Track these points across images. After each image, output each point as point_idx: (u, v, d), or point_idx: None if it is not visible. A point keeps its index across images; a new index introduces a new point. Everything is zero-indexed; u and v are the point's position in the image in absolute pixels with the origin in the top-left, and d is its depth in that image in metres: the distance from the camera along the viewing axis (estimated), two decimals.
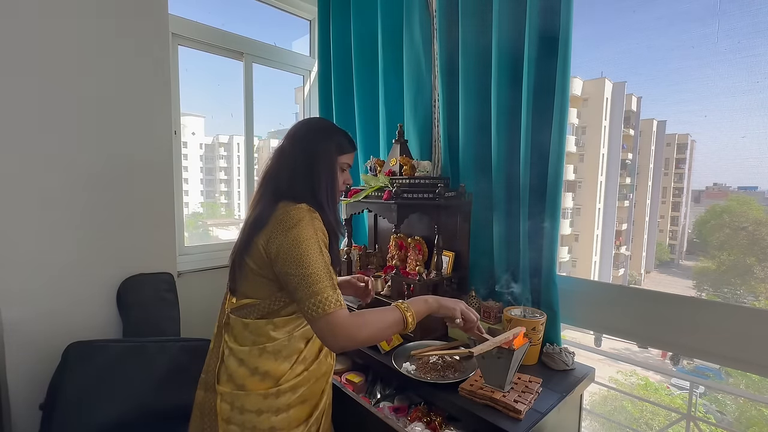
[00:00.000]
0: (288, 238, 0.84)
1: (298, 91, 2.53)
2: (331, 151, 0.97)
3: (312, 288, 0.81)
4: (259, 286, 0.92)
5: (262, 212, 0.90)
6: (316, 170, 0.94)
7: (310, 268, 0.82)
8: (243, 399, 0.90)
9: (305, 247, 0.83)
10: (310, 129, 0.99)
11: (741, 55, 9.04)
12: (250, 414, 0.89)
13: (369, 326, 0.84)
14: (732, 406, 6.47)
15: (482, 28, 1.47)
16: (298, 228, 0.85)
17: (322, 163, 0.95)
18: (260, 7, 2.22)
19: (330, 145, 0.97)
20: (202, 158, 3.31)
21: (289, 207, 0.88)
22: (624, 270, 12.98)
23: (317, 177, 0.94)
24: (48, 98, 1.39)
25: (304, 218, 0.87)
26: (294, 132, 0.99)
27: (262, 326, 0.92)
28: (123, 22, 1.53)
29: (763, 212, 9.86)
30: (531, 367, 1.25)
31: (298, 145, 0.96)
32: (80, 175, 1.47)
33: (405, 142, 1.67)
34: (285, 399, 0.91)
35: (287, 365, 0.92)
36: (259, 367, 0.91)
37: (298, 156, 0.95)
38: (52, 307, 1.43)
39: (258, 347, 0.91)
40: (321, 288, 0.81)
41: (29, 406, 1.36)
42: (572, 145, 11.86)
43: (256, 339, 0.92)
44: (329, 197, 0.95)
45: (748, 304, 1.44)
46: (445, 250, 1.56)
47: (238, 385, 0.91)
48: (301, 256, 0.83)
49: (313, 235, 0.86)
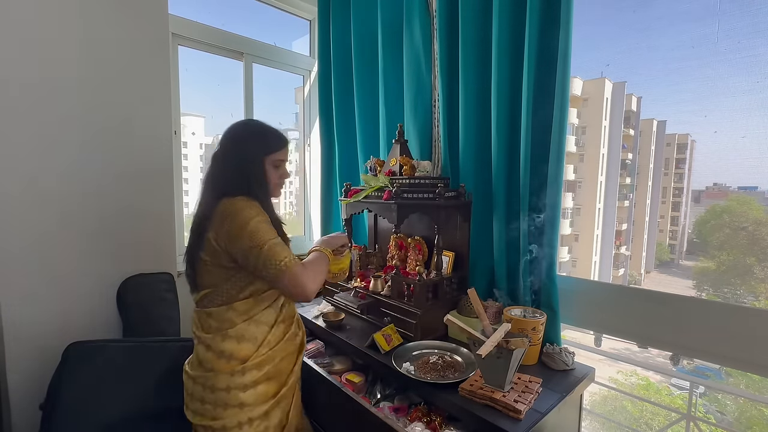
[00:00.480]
0: (236, 223, 0.95)
1: (298, 91, 2.54)
2: (257, 153, 1.05)
3: (269, 254, 0.93)
4: (215, 275, 1.01)
5: (206, 210, 1.00)
6: (245, 171, 1.02)
7: (263, 239, 0.94)
8: (213, 379, 0.99)
9: (253, 225, 0.95)
10: (237, 133, 1.07)
11: (741, 55, 9.04)
12: (220, 392, 0.99)
13: (318, 271, 1.04)
14: (732, 406, 6.47)
15: (482, 28, 1.47)
16: (241, 213, 0.95)
17: (250, 164, 1.03)
18: (260, 7, 2.22)
19: (255, 147, 1.05)
20: (202, 158, 3.31)
21: (228, 200, 0.98)
22: (624, 270, 12.99)
23: (247, 177, 1.02)
24: (48, 98, 1.39)
25: (244, 206, 0.97)
26: (224, 137, 1.07)
27: (223, 313, 1.01)
28: (123, 22, 1.53)
29: (763, 212, 9.86)
30: (531, 367, 1.25)
31: (229, 150, 1.04)
32: (80, 175, 1.46)
33: (405, 142, 1.67)
34: (251, 376, 1.00)
35: (251, 347, 1.01)
36: (224, 350, 0.99)
37: (228, 159, 1.03)
38: (52, 307, 1.43)
39: (221, 333, 1.00)
40: (277, 252, 0.94)
41: (29, 406, 1.36)
42: (572, 145, 11.86)
43: (220, 325, 1.01)
44: (262, 192, 1.04)
45: (748, 304, 1.44)
46: (445, 250, 1.56)
47: (207, 368, 1.00)
48: (252, 233, 0.94)
49: (256, 215, 0.97)
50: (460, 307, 1.47)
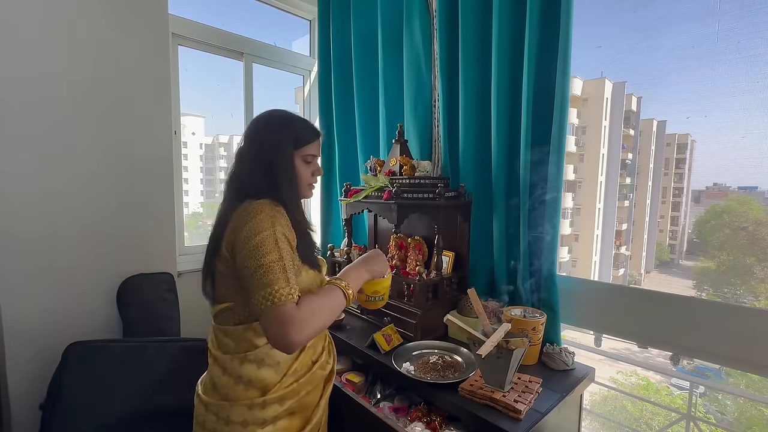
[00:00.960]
0: (243, 232, 0.81)
1: (298, 91, 2.54)
2: (285, 147, 0.92)
3: (262, 279, 0.75)
4: (230, 288, 0.87)
5: (225, 211, 0.88)
6: (273, 168, 0.90)
7: (262, 260, 0.77)
8: (228, 410, 0.86)
9: (259, 239, 0.79)
10: (262, 125, 0.94)
11: (741, 55, 9.03)
12: (235, 425, 0.86)
13: (317, 317, 0.78)
14: (732, 406, 6.47)
15: (482, 28, 1.47)
16: (255, 220, 0.81)
17: (278, 160, 0.90)
18: (260, 7, 2.22)
19: (284, 140, 0.92)
20: (202, 158, 3.31)
21: (251, 203, 0.85)
22: (624, 270, 12.98)
23: (275, 174, 0.89)
24: (48, 98, 1.39)
25: (263, 211, 0.83)
26: (248, 131, 0.95)
27: (241, 333, 0.87)
28: (123, 22, 1.53)
29: (763, 212, 9.85)
30: (531, 367, 1.25)
31: (254, 145, 0.92)
32: (80, 175, 1.47)
33: (405, 142, 1.67)
34: (271, 411, 0.87)
35: (274, 375, 0.88)
36: (242, 375, 0.86)
37: (254, 156, 0.91)
38: (52, 307, 1.43)
39: (239, 356, 0.87)
40: (272, 280, 0.75)
41: (29, 406, 1.36)
42: (572, 145, 11.85)
43: (237, 346, 0.88)
44: (290, 193, 0.91)
45: (748, 304, 1.44)
46: (445, 250, 1.56)
47: (223, 395, 0.88)
48: (255, 248, 0.78)
49: (270, 227, 0.81)
50: (460, 307, 1.47)
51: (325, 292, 0.86)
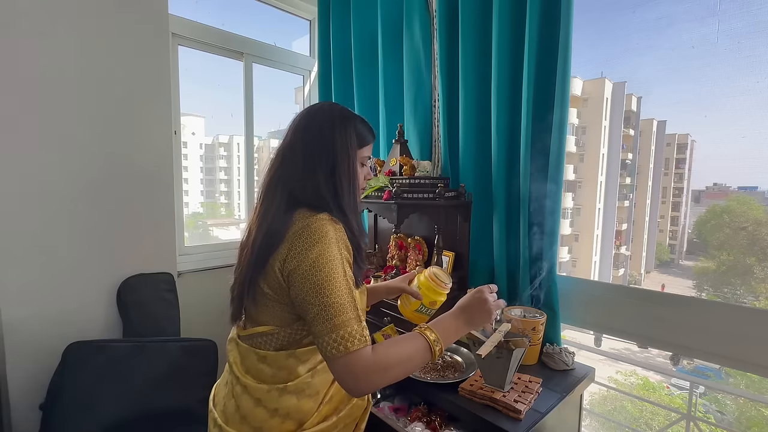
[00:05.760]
0: (308, 259, 0.69)
1: (298, 91, 2.54)
2: (350, 145, 0.79)
3: (333, 321, 0.67)
4: (276, 313, 0.77)
5: (275, 225, 0.74)
6: (337, 171, 0.77)
7: (332, 297, 0.68)
8: None
9: (328, 271, 0.69)
10: (320, 121, 0.80)
11: (741, 55, 9.01)
12: None
13: (391, 371, 0.68)
14: (732, 406, 6.47)
15: (482, 28, 1.47)
16: (321, 245, 0.70)
17: (342, 160, 0.78)
18: (260, 7, 2.22)
19: (349, 137, 0.79)
20: (202, 158, 3.31)
21: (309, 218, 0.73)
22: (624, 270, 12.97)
23: (338, 178, 0.77)
24: (48, 98, 1.39)
25: (328, 233, 0.72)
26: (303, 124, 0.81)
27: (282, 360, 0.77)
28: (123, 22, 1.53)
29: (763, 212, 9.84)
30: (531, 367, 1.25)
31: (310, 140, 0.78)
32: (80, 175, 1.47)
33: (405, 142, 1.67)
34: None
35: (312, 404, 0.79)
36: (279, 408, 0.77)
37: (311, 153, 0.77)
38: (52, 307, 1.43)
39: (278, 387, 0.77)
40: (344, 321, 0.67)
41: (29, 406, 1.36)
42: (572, 145, 11.84)
43: (277, 374, 0.78)
44: (352, 201, 0.80)
45: (748, 304, 1.44)
46: (445, 250, 1.56)
47: (255, 428, 0.77)
48: (323, 282, 0.68)
49: (338, 255, 0.71)
50: None
51: (408, 341, 0.73)
